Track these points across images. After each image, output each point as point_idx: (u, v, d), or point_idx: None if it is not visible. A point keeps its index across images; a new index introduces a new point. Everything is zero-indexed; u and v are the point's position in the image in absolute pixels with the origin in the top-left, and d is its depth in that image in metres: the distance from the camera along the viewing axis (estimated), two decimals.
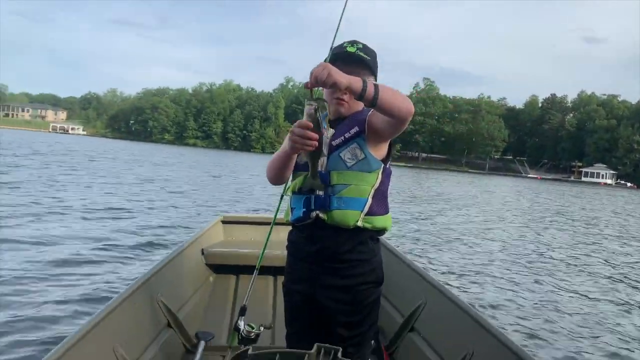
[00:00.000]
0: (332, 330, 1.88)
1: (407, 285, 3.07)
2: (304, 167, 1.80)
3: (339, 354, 1.30)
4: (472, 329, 2.24)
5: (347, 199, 1.78)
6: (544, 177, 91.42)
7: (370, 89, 1.54)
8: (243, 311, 2.33)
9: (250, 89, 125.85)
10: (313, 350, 1.30)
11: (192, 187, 18.19)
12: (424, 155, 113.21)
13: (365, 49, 1.87)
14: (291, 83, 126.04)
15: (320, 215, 1.80)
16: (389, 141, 1.89)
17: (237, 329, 2.28)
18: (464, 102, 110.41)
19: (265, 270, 3.28)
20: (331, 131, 1.80)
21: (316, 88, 1.57)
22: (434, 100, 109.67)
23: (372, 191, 1.81)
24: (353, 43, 1.87)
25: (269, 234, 2.30)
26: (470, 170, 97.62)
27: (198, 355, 2.63)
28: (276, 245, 2.58)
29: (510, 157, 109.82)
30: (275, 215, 2.26)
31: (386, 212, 1.87)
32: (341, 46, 1.90)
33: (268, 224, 2.37)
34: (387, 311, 3.12)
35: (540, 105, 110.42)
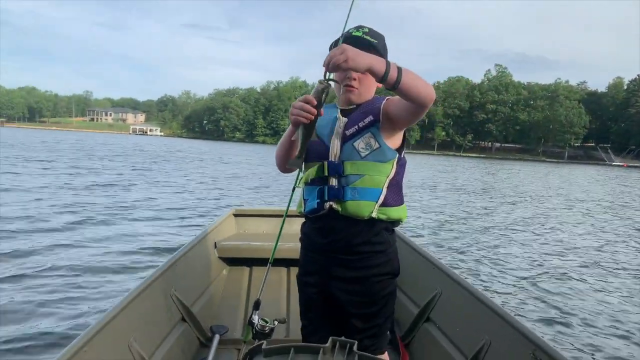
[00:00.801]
0: (347, 322, 1.84)
1: (422, 276, 3.01)
2: (315, 157, 1.80)
3: (355, 348, 1.28)
4: (488, 318, 2.18)
5: (361, 189, 1.74)
6: (631, 164, 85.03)
7: (394, 71, 1.50)
8: (257, 305, 2.30)
9: (316, 85, 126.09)
10: (328, 344, 1.28)
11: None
12: (497, 145, 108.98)
13: (372, 32, 1.80)
14: None
15: (334, 206, 1.77)
16: (403, 130, 1.82)
17: (251, 323, 2.26)
18: (539, 88, 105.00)
19: (278, 263, 3.28)
20: (344, 120, 1.80)
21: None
22: (507, 87, 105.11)
23: (387, 182, 1.76)
24: (359, 28, 1.81)
25: (282, 226, 2.25)
26: (547, 160, 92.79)
27: (213, 349, 2.63)
28: (289, 237, 2.54)
29: (592, 144, 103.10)
30: (288, 208, 2.22)
31: (401, 203, 1.82)
32: (347, 32, 1.83)
33: (280, 216, 2.34)
34: (402, 302, 3.08)
35: (625, 87, 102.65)
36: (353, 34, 1.79)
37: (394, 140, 1.79)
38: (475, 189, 21.22)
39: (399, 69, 1.52)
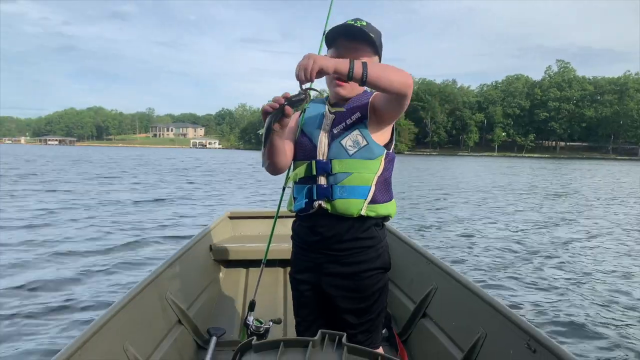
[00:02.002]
0: (341, 318, 1.86)
1: (417, 271, 3.01)
2: (303, 156, 1.82)
3: (344, 339, 1.29)
4: (484, 311, 2.20)
5: (350, 187, 1.74)
6: None
7: (358, 67, 1.51)
8: (252, 306, 2.29)
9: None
10: (317, 337, 1.29)
11: None
12: (562, 144, 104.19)
13: (370, 27, 1.78)
14: None
15: (323, 205, 1.76)
16: (392, 125, 1.82)
17: (246, 324, 2.22)
18: (606, 82, 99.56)
19: (273, 263, 3.36)
20: (331, 117, 1.81)
21: (307, 83, 1.54)
22: (571, 83, 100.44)
23: (375, 178, 1.76)
24: (356, 20, 1.78)
25: (273, 227, 2.24)
26: (618, 157, 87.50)
27: (210, 351, 2.65)
28: (283, 237, 2.55)
29: None
30: (278, 208, 2.18)
31: (390, 198, 1.82)
32: (344, 23, 1.80)
33: (273, 217, 2.32)
34: (399, 298, 3.12)
35: None
36: (354, 24, 1.76)
37: (383, 136, 1.79)
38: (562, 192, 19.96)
39: (364, 64, 1.53)
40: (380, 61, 1.84)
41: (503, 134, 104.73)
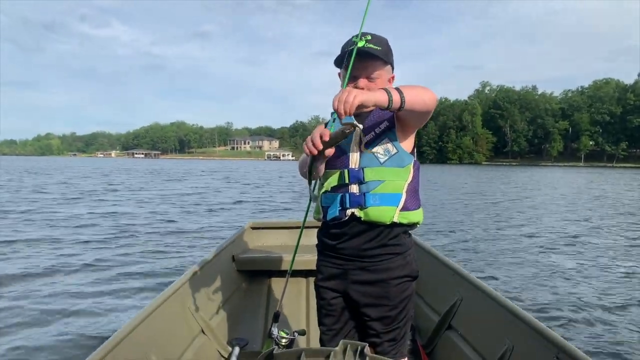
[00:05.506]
0: (367, 327, 1.86)
1: (442, 283, 2.98)
2: (335, 165, 1.83)
3: (366, 350, 1.27)
4: (510, 323, 2.18)
5: (382, 195, 1.76)
6: None
7: (396, 96, 1.54)
8: (276, 317, 2.31)
9: (443, 99, 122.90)
10: (339, 348, 1.28)
11: None
12: None
13: (375, 39, 1.80)
14: (487, 88, 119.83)
15: (356, 213, 1.78)
16: (415, 132, 1.85)
17: (270, 336, 2.23)
18: None
19: (296, 274, 3.39)
20: (360, 126, 1.79)
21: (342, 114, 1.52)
22: None
23: (406, 186, 1.79)
24: (362, 36, 1.80)
25: (299, 236, 2.25)
26: None
27: None
28: (306, 248, 2.51)
29: None
30: (305, 219, 2.19)
31: (419, 206, 1.85)
32: (350, 42, 1.82)
33: (296, 227, 2.31)
34: (423, 310, 3.09)
35: None
36: (358, 44, 1.78)
37: (408, 144, 1.82)
38: None
39: (400, 92, 1.55)
40: (393, 66, 1.86)
41: (590, 142, 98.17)
